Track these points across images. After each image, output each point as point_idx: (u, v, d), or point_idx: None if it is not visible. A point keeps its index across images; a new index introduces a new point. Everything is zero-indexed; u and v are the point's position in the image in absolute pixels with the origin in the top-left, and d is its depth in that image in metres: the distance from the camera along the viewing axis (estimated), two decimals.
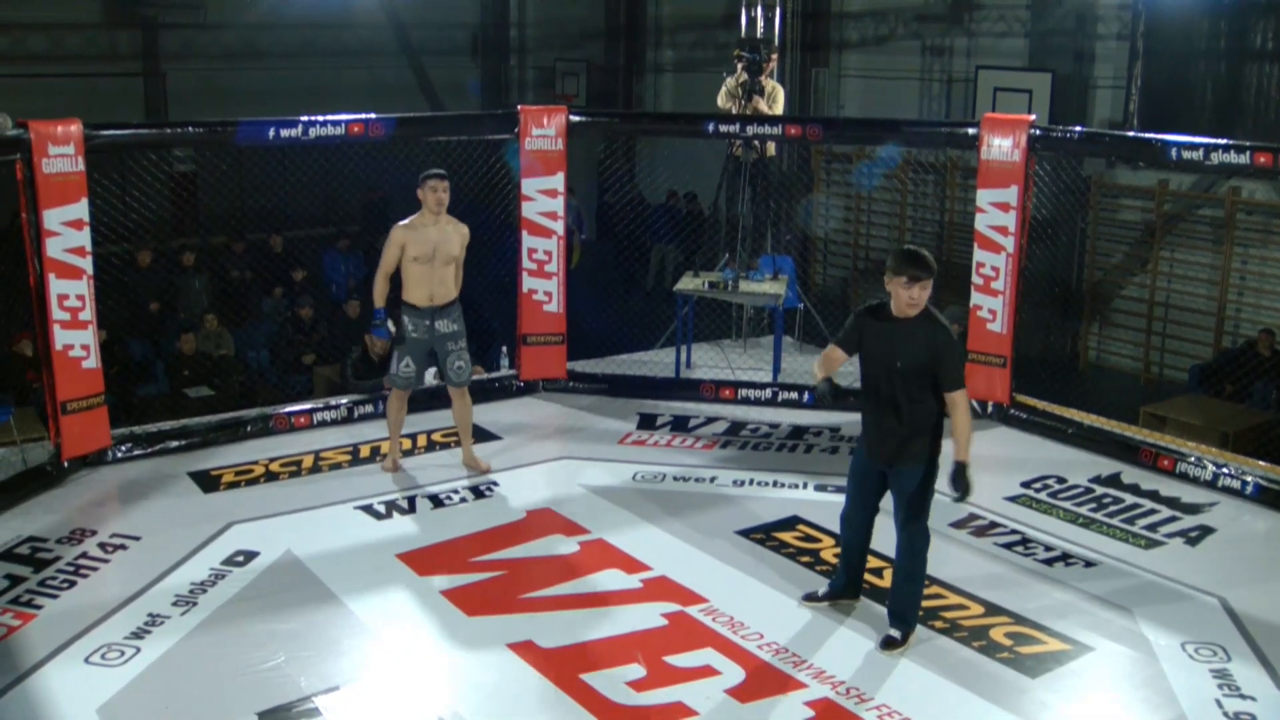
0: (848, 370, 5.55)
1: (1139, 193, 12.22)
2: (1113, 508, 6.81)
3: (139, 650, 5.09)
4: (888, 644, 5.21)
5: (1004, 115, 8.65)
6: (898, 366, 5.03)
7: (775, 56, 9.66)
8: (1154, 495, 6.97)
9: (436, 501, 6.70)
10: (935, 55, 14.12)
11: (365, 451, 7.47)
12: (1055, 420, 7.88)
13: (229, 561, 5.94)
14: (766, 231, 9.51)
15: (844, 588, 5.57)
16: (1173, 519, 6.68)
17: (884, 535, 6.33)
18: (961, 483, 5.07)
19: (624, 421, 8.05)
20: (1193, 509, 6.79)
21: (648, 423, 8.07)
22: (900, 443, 5.10)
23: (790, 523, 6.50)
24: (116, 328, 10.05)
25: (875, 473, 5.27)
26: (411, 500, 6.72)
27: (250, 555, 6.01)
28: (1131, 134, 10.32)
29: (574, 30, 17.65)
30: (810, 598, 5.61)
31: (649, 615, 5.46)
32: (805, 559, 6.06)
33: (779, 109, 9.26)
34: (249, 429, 7.67)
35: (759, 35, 10.17)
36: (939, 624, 5.43)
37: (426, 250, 6.70)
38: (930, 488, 5.16)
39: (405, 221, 6.75)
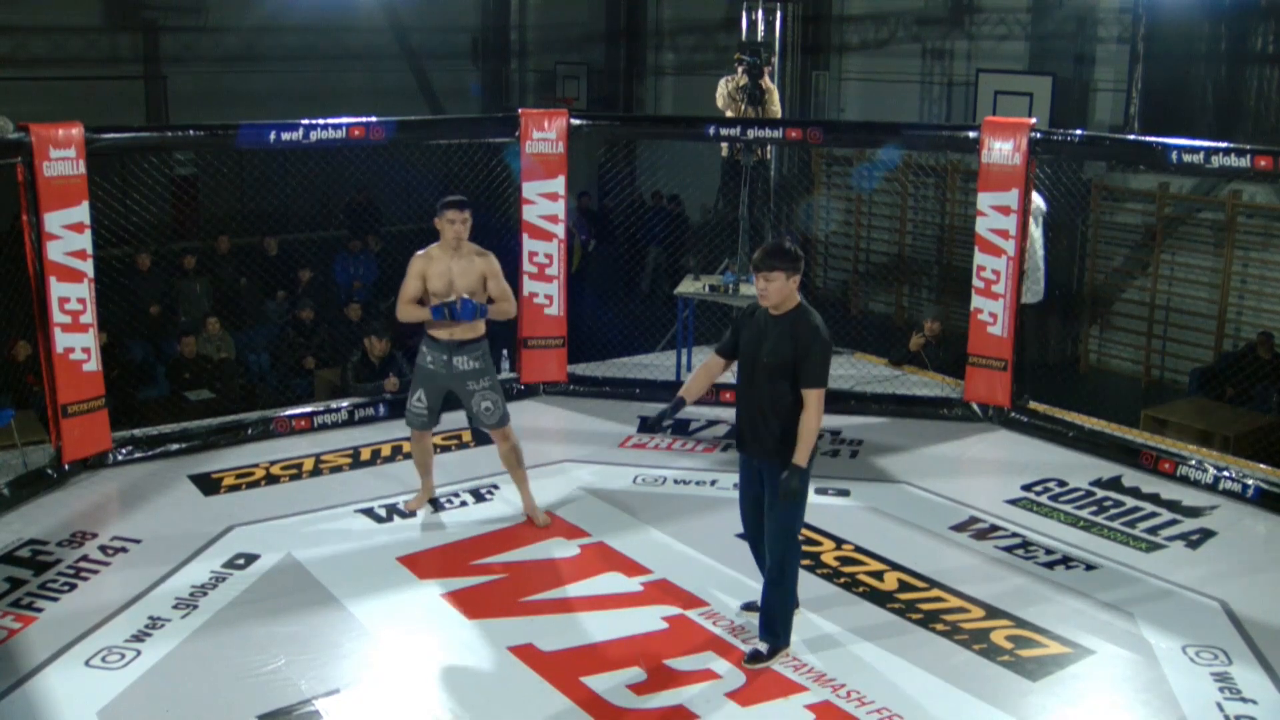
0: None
1: (1140, 196, 12.22)
2: (1113, 511, 6.81)
3: (139, 653, 5.09)
4: (753, 658, 5.03)
5: (1004, 118, 8.65)
6: (762, 361, 4.93)
7: (774, 60, 9.67)
8: (1155, 498, 6.97)
9: (437, 505, 6.70)
10: (936, 58, 14.13)
11: (366, 454, 7.47)
12: (1056, 423, 7.88)
13: (229, 564, 5.94)
14: (767, 234, 9.51)
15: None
16: (1173, 522, 6.67)
17: (881, 536, 6.35)
18: (787, 487, 4.79)
19: (624, 425, 8.05)
20: (1193, 512, 6.79)
21: (648, 426, 8.07)
22: (764, 437, 4.96)
23: None
24: (117, 331, 10.05)
25: (752, 469, 5.14)
26: None
27: (251, 558, 6.01)
28: (1132, 137, 10.33)
29: (574, 33, 17.66)
30: (749, 607, 5.43)
31: (649, 618, 5.46)
32: (805, 561, 6.05)
33: (775, 111, 9.27)
34: (250, 432, 7.67)
35: (759, 38, 10.18)
36: (940, 627, 5.43)
37: (442, 284, 6.15)
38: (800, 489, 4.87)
39: (424, 251, 6.24)
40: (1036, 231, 8.02)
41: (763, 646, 5.08)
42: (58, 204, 6.69)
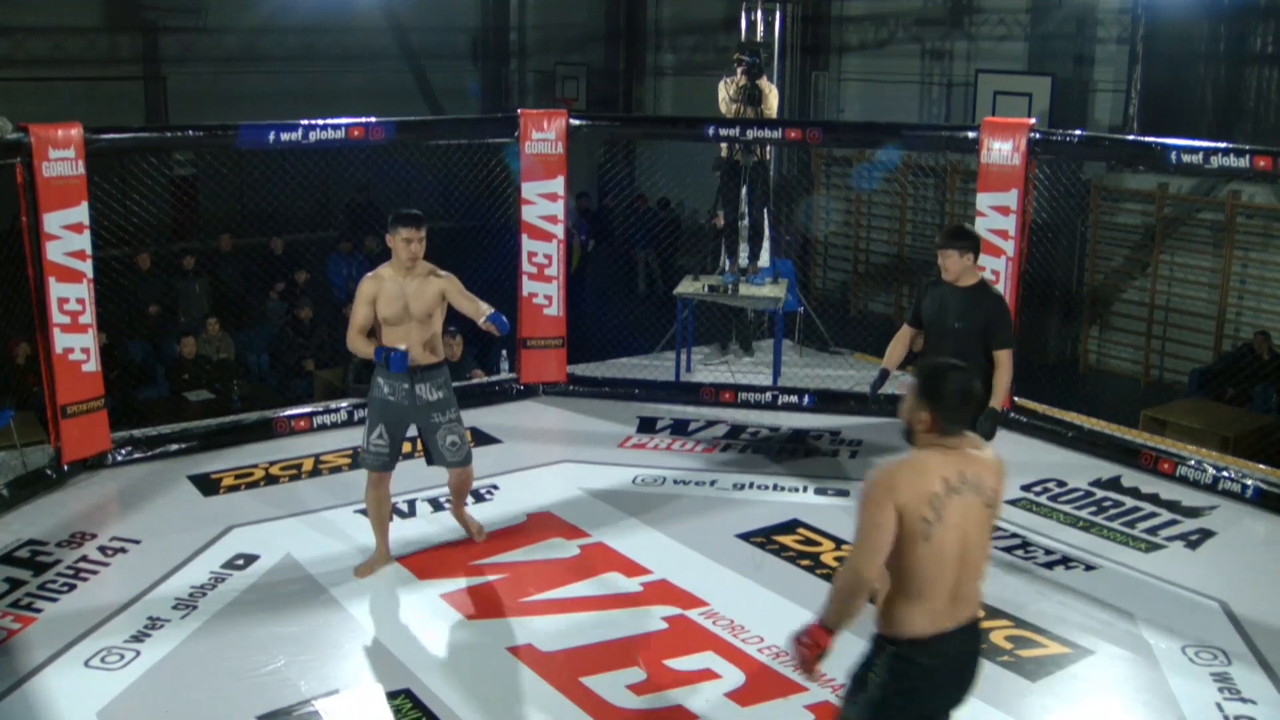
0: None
1: (1139, 196, 12.21)
2: (1113, 511, 6.81)
3: (139, 654, 5.09)
4: None
5: (1004, 119, 8.66)
6: (953, 327, 5.73)
7: (774, 60, 9.67)
8: (1154, 499, 6.97)
9: (436, 505, 6.70)
10: (935, 59, 14.12)
11: None
12: (1055, 424, 7.88)
13: (229, 565, 5.94)
14: (765, 235, 9.51)
15: None
16: (1173, 522, 6.67)
17: None
18: (986, 428, 5.53)
19: (624, 425, 8.05)
20: (1193, 512, 6.79)
21: (648, 426, 8.06)
22: None
23: (790, 526, 6.49)
24: (117, 331, 10.05)
25: None
26: (411, 504, 6.71)
27: (250, 559, 6.01)
28: (1131, 138, 10.32)
29: (574, 34, 17.65)
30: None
31: (649, 619, 5.46)
32: (805, 562, 6.06)
33: (773, 111, 9.27)
34: (249, 433, 7.66)
35: (759, 39, 10.18)
36: None
37: (395, 309, 5.53)
38: None
39: (373, 272, 5.64)
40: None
41: None
42: (57, 204, 6.69)
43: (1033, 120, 8.34)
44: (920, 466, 3.39)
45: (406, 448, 7.10)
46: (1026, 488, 7.07)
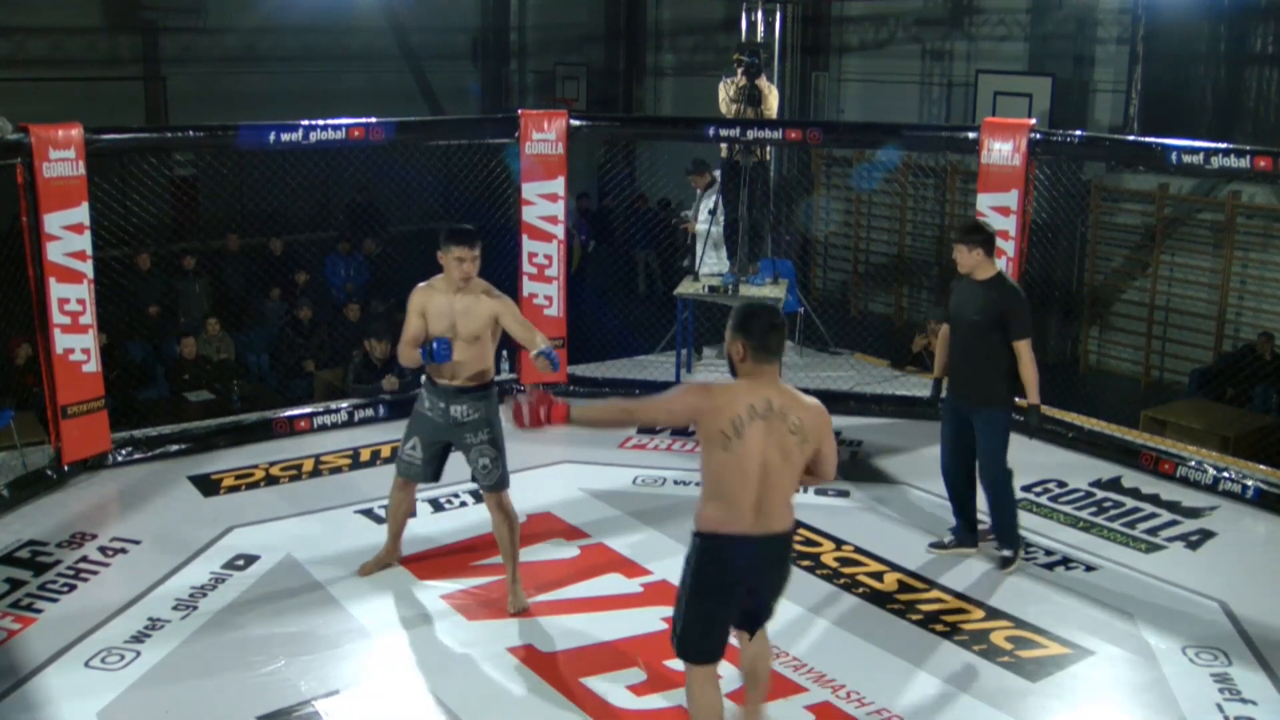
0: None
1: (1139, 196, 12.21)
2: (1113, 511, 6.81)
3: (139, 654, 5.09)
4: (1004, 563, 5.99)
5: (1004, 119, 8.65)
6: (973, 319, 5.87)
7: (774, 61, 9.68)
8: (1154, 499, 6.97)
9: (436, 505, 6.70)
10: (935, 59, 14.12)
11: (365, 455, 7.47)
12: (1056, 424, 7.87)
13: (229, 565, 5.94)
14: (766, 235, 9.51)
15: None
16: (1173, 523, 6.67)
17: (881, 537, 6.35)
18: (1031, 423, 6.05)
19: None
20: (1193, 513, 6.79)
21: (648, 426, 8.06)
22: (976, 385, 5.91)
23: None
24: (117, 332, 10.05)
25: (960, 415, 6.00)
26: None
27: (250, 559, 6.01)
28: (1131, 138, 10.31)
29: (574, 34, 17.65)
30: (936, 545, 6.24)
31: (649, 619, 5.45)
32: (805, 563, 6.05)
33: (773, 111, 9.27)
34: (249, 433, 7.66)
35: (759, 39, 10.18)
36: (940, 628, 5.43)
37: (441, 326, 5.36)
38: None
39: (425, 283, 5.47)
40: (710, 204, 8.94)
41: (1008, 553, 6.00)
42: (57, 205, 6.69)
43: (1033, 121, 8.34)
44: (732, 391, 3.95)
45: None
46: (1027, 488, 7.06)
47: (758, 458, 3.89)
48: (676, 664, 5.06)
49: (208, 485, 6.99)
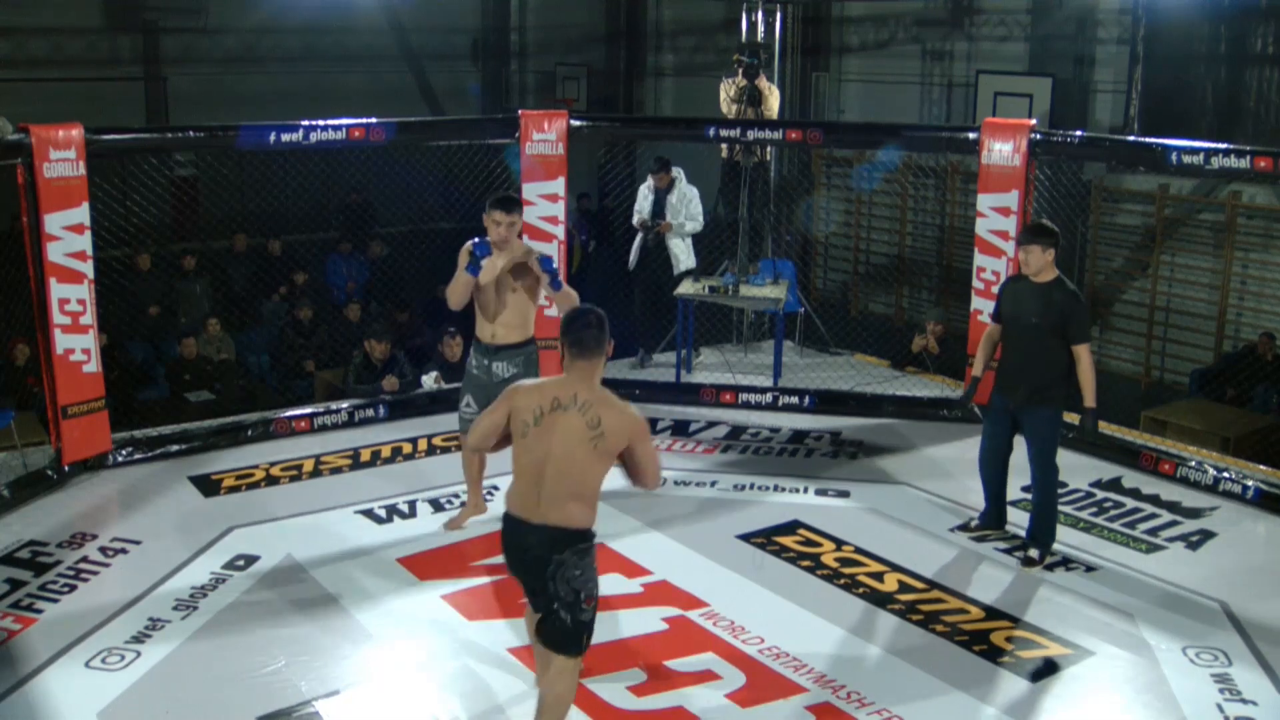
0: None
1: (1139, 197, 12.20)
2: (1114, 512, 6.81)
3: (139, 654, 5.09)
4: (1028, 562, 6.03)
5: (1004, 120, 8.65)
6: (1031, 322, 5.96)
7: (774, 61, 9.67)
8: (1155, 499, 6.97)
9: (437, 506, 6.70)
10: (935, 59, 14.12)
11: (366, 455, 7.47)
12: None
13: (229, 566, 5.95)
14: (766, 235, 9.51)
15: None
16: (1173, 523, 6.67)
17: (881, 538, 6.35)
18: (1087, 427, 6.17)
19: None
20: (1194, 513, 6.79)
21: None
22: (1031, 386, 5.98)
23: (791, 527, 6.49)
24: (117, 332, 10.05)
25: (1006, 415, 6.12)
26: (412, 504, 6.72)
27: (251, 559, 6.01)
28: (1132, 139, 10.31)
29: (574, 35, 17.65)
30: (962, 528, 6.40)
31: (650, 620, 5.46)
32: (806, 563, 6.06)
33: (774, 112, 9.28)
34: (250, 433, 7.67)
35: (759, 40, 10.18)
36: (940, 628, 5.43)
37: (488, 276, 5.82)
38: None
39: (477, 239, 5.89)
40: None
41: (1035, 553, 6.05)
42: (58, 205, 6.69)
43: (1033, 121, 8.34)
44: (542, 385, 4.26)
45: (407, 448, 7.09)
46: (1027, 488, 7.05)
47: (546, 446, 4.10)
48: (677, 664, 5.08)
49: (208, 485, 6.99)
